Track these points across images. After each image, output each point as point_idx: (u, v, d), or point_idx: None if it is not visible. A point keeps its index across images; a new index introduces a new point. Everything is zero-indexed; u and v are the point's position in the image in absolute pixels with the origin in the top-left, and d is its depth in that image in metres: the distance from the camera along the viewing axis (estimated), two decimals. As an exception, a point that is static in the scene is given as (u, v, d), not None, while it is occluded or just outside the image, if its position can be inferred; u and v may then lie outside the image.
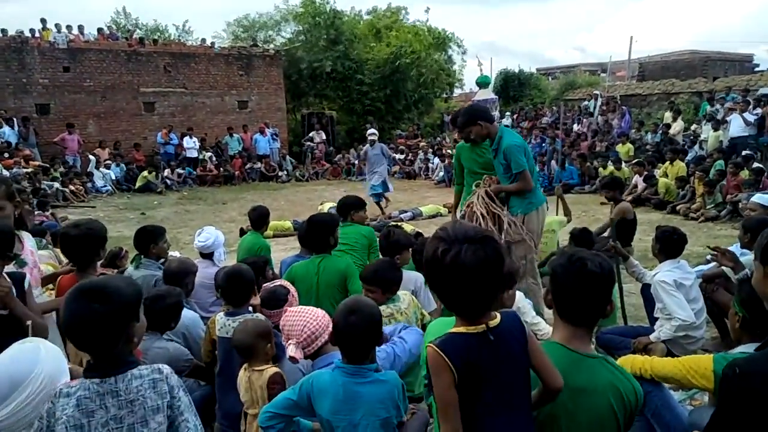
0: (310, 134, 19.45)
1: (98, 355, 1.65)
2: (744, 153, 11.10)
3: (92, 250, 2.66)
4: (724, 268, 3.99)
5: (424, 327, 3.13)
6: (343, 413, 1.94)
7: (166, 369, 1.72)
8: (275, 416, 2.04)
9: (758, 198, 5.03)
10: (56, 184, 12.77)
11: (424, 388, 2.02)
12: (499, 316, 1.61)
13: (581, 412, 1.70)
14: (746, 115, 12.13)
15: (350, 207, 4.62)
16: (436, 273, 1.54)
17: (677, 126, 13.97)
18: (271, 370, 2.43)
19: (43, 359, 1.73)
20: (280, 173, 17.62)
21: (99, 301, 1.59)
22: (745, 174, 9.82)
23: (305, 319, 2.76)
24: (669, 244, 3.83)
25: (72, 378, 1.79)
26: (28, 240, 2.78)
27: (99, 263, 2.97)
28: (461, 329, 1.57)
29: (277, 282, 3.19)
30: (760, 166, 10.20)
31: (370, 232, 4.51)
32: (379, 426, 1.92)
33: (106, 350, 1.63)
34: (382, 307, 2.80)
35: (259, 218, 5.04)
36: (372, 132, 11.62)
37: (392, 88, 21.13)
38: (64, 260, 5.71)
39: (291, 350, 2.55)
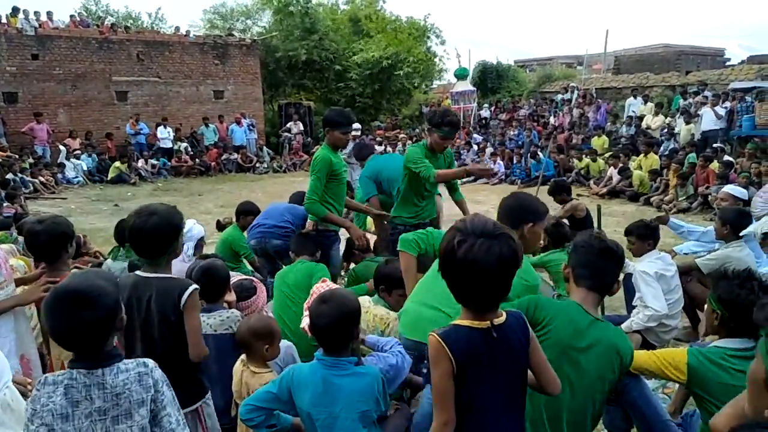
0: (288, 125, 19.26)
1: (87, 352, 1.64)
2: (714, 146, 11.35)
3: (60, 245, 2.58)
4: (697, 260, 4.07)
5: None
6: (322, 406, 1.94)
7: (151, 363, 1.72)
8: (256, 409, 2.04)
9: (730, 189, 5.14)
10: (31, 179, 12.44)
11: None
12: (504, 314, 1.62)
13: (590, 364, 1.97)
14: (717, 108, 12.38)
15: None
16: (448, 263, 1.55)
17: (657, 121, 14.14)
18: (265, 377, 2.37)
19: None
20: (257, 165, 17.43)
21: (88, 308, 1.58)
22: (715, 166, 10.04)
23: None
24: (651, 236, 3.93)
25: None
26: None
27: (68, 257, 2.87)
28: (465, 322, 1.58)
29: (242, 277, 3.16)
30: (730, 159, 10.44)
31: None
32: (357, 419, 1.92)
33: (98, 348, 1.63)
34: None
35: (237, 213, 4.99)
36: (356, 127, 10.65)
37: (380, 85, 21.10)
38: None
39: (305, 322, 2.53)
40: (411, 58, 21.01)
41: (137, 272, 2.34)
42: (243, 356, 2.48)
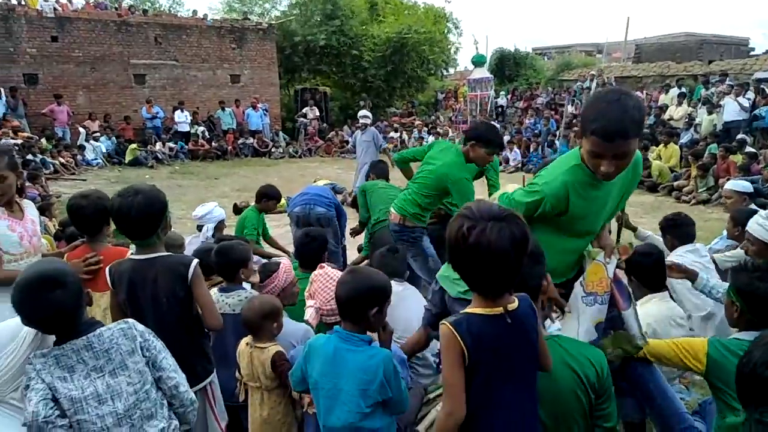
0: (304, 110, 19.27)
1: (67, 329, 1.74)
2: (738, 137, 11.14)
3: (103, 219, 2.65)
4: (716, 256, 3.93)
5: None
6: (329, 376, 1.95)
7: (131, 320, 1.84)
8: (301, 382, 2.08)
9: (732, 185, 4.91)
10: (51, 160, 12.62)
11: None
12: (517, 300, 1.61)
13: (543, 392, 1.74)
14: (741, 99, 12.13)
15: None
16: (460, 251, 1.52)
17: (680, 111, 13.87)
18: (273, 348, 2.42)
19: (18, 339, 1.79)
20: (273, 149, 17.48)
21: (58, 287, 1.67)
22: (737, 158, 9.88)
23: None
24: (676, 230, 3.65)
25: None
26: (29, 208, 2.81)
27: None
28: (478, 310, 1.57)
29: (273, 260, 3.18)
30: (753, 150, 10.25)
31: None
32: (359, 395, 1.90)
33: (75, 322, 1.74)
34: None
35: (258, 195, 4.96)
36: (365, 114, 10.24)
37: (393, 67, 20.91)
38: (53, 230, 5.73)
39: (308, 314, 2.54)
40: (423, 29, 20.76)
41: (131, 256, 2.33)
42: (247, 338, 2.50)
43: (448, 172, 3.61)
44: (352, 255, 5.29)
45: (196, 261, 2.32)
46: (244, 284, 2.83)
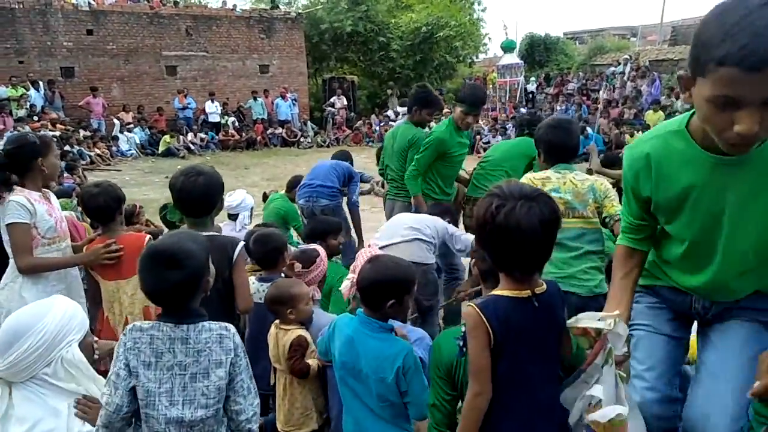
0: (331, 99, 19.31)
1: (174, 309, 1.73)
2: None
3: (114, 207, 2.72)
4: None
5: None
6: (348, 356, 1.96)
7: (232, 328, 1.77)
8: (324, 353, 2.13)
9: None
10: (87, 152, 12.98)
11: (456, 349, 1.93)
12: (545, 284, 1.60)
13: None
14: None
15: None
16: (488, 230, 1.51)
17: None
18: (295, 332, 2.43)
19: (49, 316, 1.79)
20: (301, 139, 17.59)
21: (175, 268, 1.66)
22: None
23: None
24: None
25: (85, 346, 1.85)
26: (53, 197, 2.91)
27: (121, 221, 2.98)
28: (506, 292, 1.56)
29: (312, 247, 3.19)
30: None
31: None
32: (377, 380, 1.90)
33: (184, 306, 1.72)
34: None
35: (289, 185, 5.09)
36: (403, 112, 9.96)
37: (422, 56, 20.79)
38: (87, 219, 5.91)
39: (344, 285, 2.57)
40: (453, 22, 20.58)
41: None
42: (277, 320, 2.53)
43: (430, 132, 3.99)
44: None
45: (242, 243, 2.39)
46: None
